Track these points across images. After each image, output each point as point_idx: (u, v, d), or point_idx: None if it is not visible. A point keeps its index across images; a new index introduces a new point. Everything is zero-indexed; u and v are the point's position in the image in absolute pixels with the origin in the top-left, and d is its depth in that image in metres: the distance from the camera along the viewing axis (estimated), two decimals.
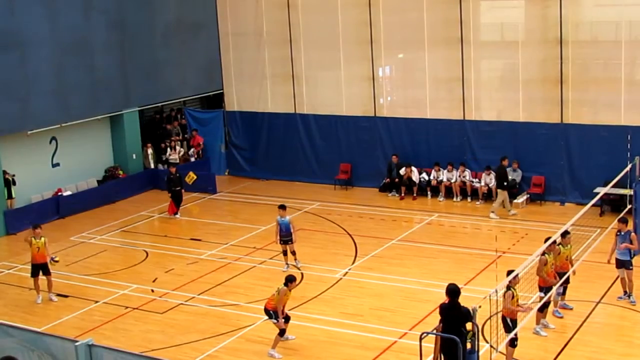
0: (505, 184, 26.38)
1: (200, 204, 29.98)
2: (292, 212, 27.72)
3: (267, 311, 17.40)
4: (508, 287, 15.42)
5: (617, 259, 18.88)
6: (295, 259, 22.39)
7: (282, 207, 22.22)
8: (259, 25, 32.21)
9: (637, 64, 26.57)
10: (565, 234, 18.27)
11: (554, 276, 17.54)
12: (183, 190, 28.33)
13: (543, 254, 17.34)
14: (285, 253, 22.27)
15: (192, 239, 25.55)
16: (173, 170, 28.36)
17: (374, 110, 30.53)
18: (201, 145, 33.88)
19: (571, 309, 18.73)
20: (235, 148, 33.69)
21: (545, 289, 17.35)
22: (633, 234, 19.11)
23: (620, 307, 18.83)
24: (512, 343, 15.69)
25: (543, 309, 17.60)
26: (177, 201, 28.14)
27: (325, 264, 22.48)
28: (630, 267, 18.83)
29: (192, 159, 33.56)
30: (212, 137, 34.12)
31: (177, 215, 28.01)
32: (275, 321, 17.28)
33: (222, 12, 33.04)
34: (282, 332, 17.34)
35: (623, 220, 19.28)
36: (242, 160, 33.38)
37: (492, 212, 26.44)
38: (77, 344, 11.57)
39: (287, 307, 17.58)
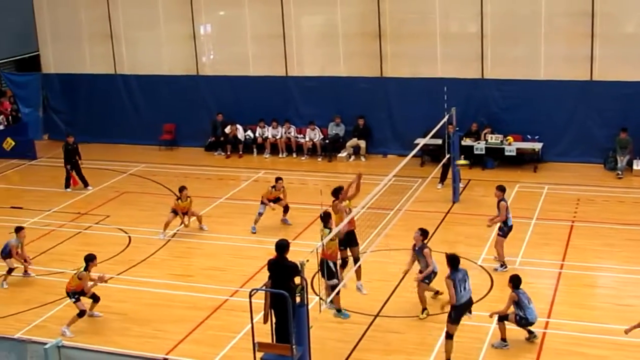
0: None
1: (20, 171, 28.88)
2: (117, 175, 27.24)
3: (67, 293, 16.90)
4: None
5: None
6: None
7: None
8: None
9: (451, 17, 27.44)
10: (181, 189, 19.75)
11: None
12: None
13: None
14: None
15: (12, 207, 24.57)
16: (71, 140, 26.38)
17: (196, 69, 30.21)
18: (9, 111, 32.46)
19: None
20: (53, 112, 32.54)
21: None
22: (502, 202, 18.23)
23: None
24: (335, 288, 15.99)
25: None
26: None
27: (153, 226, 22.11)
28: None
29: (1, 127, 31.72)
30: (30, 101, 32.68)
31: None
32: (74, 301, 16.75)
33: None
34: (81, 313, 16.68)
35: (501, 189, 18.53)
36: (62, 124, 32.20)
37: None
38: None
39: (113, 271, 17.19)
